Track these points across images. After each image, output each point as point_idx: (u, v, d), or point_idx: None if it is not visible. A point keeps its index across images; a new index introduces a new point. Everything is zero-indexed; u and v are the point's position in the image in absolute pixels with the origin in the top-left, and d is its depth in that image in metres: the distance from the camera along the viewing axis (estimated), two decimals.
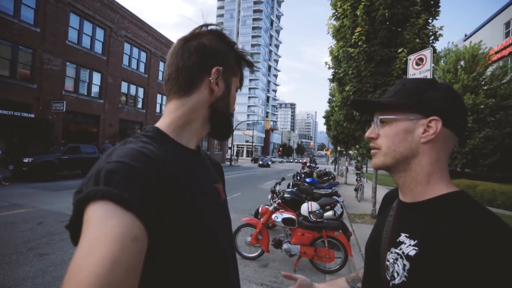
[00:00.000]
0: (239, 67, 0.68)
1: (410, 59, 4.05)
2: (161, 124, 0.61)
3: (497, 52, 17.03)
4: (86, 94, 16.03)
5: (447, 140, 0.57)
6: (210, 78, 0.60)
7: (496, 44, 17.25)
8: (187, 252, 0.50)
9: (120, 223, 0.36)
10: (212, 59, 0.61)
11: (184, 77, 0.60)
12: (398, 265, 0.54)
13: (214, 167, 0.75)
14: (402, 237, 0.56)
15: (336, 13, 6.74)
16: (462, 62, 15.67)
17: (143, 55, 20.84)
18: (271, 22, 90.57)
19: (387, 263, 0.57)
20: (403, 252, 0.54)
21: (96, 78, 16.68)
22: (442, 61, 16.33)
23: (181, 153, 0.58)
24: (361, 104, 0.69)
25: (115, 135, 17.22)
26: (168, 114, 0.62)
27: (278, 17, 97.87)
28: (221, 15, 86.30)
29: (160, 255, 0.47)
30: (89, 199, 0.39)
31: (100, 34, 16.72)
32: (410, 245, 0.54)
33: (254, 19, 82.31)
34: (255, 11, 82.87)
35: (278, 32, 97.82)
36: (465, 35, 22.61)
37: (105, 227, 0.36)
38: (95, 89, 16.71)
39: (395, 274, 0.54)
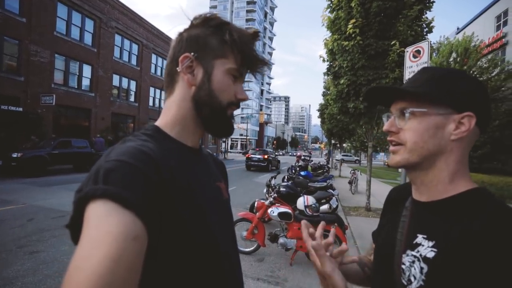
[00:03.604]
0: (230, 46, 0.57)
1: (407, 51, 4.03)
2: (160, 122, 0.60)
3: (488, 45, 17.18)
4: (76, 87, 15.63)
5: (474, 137, 0.54)
6: (177, 68, 0.57)
7: (488, 37, 17.39)
8: (188, 251, 0.49)
9: (120, 222, 0.36)
10: (183, 49, 0.57)
11: (167, 73, 0.61)
12: (415, 268, 0.51)
13: (217, 166, 0.73)
14: (419, 239, 0.53)
15: (331, 5, 6.65)
16: (454, 55, 15.78)
17: (135, 47, 20.36)
18: (265, 14, 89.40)
19: (403, 266, 0.54)
20: (420, 255, 0.51)
21: (87, 70, 16.26)
22: (434, 54, 16.41)
23: (181, 151, 0.57)
24: (378, 93, 0.62)
25: (107, 129, 16.92)
26: (164, 112, 0.61)
27: (272, 9, 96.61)
28: (214, 7, 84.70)
29: (160, 254, 0.46)
30: (88, 198, 0.38)
31: (89, 25, 16.23)
32: (428, 246, 0.50)
33: (247, 11, 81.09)
34: (248, 3, 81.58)
35: (272, 24, 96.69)
36: (457, 28, 22.73)
37: (106, 226, 0.35)
38: (85, 82, 16.31)
39: (412, 278, 0.51)
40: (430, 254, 0.49)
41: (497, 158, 14.05)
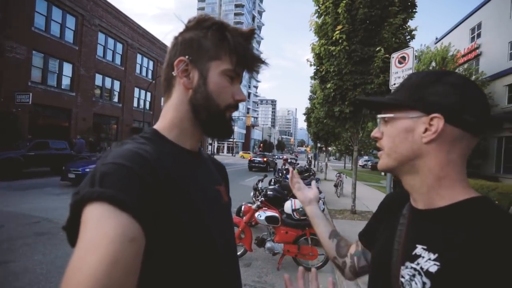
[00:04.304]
0: (223, 47, 0.57)
1: (393, 57, 4.13)
2: (158, 126, 0.60)
3: (463, 56, 18.12)
4: (55, 86, 14.98)
5: (458, 140, 0.51)
6: (173, 72, 0.58)
7: (463, 47, 18.34)
8: (186, 254, 0.49)
9: (117, 224, 0.36)
10: (178, 53, 0.58)
11: (164, 78, 0.61)
12: (416, 283, 0.48)
13: (217, 169, 0.73)
14: (419, 250, 0.50)
15: (318, 10, 6.75)
16: (433, 63, 16.51)
17: (119, 47, 19.85)
18: (253, 18, 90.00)
19: (402, 279, 0.51)
20: (421, 268, 0.48)
21: (67, 69, 15.63)
22: (416, 61, 17.11)
23: (179, 154, 0.57)
24: (364, 104, 0.65)
25: (89, 130, 16.31)
26: (163, 116, 0.61)
27: (260, 13, 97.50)
28: (201, 8, 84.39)
29: (158, 256, 0.46)
30: (85, 201, 0.38)
31: (71, 21, 15.64)
32: (429, 259, 0.48)
33: (235, 14, 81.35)
34: (236, 6, 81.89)
35: (259, 28, 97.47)
36: (436, 38, 23.78)
37: (103, 228, 0.35)
38: (66, 81, 15.66)
39: None
40: (433, 268, 0.46)
41: (472, 164, 14.75)
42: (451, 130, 0.50)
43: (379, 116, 0.58)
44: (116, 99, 19.98)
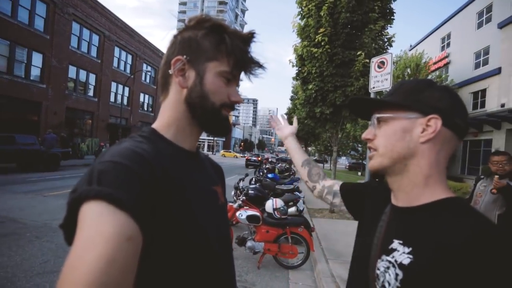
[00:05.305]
0: (222, 49, 0.57)
1: (372, 61, 4.30)
2: (156, 124, 0.61)
3: (435, 63, 19.24)
4: (23, 76, 13.96)
5: (448, 142, 0.55)
6: (169, 70, 0.58)
7: (435, 55, 19.47)
8: (181, 253, 0.50)
9: (114, 222, 0.36)
10: (176, 51, 0.58)
11: (161, 75, 0.61)
12: (389, 274, 0.51)
13: (214, 170, 0.73)
14: (395, 244, 0.53)
15: (301, 12, 6.86)
16: (408, 70, 17.37)
17: (95, 38, 18.90)
18: (236, 16, 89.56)
19: (378, 271, 0.54)
20: (395, 260, 0.51)
21: (37, 59, 14.62)
22: (393, 67, 17.90)
23: (176, 153, 0.57)
24: (358, 104, 0.66)
25: (61, 125, 15.40)
26: (160, 115, 0.62)
27: (243, 12, 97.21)
28: (183, 3, 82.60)
29: (155, 255, 0.46)
30: (82, 199, 0.38)
31: (41, 8, 14.64)
32: (404, 252, 0.51)
33: (218, 11, 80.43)
34: (219, 3, 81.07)
35: (242, 26, 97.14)
36: (410, 46, 25.03)
37: (100, 226, 0.36)
38: (35, 72, 14.65)
39: (386, 284, 0.51)
40: (406, 261, 0.49)
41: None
42: (445, 132, 0.54)
43: (377, 115, 0.59)
44: (91, 93, 19.03)
